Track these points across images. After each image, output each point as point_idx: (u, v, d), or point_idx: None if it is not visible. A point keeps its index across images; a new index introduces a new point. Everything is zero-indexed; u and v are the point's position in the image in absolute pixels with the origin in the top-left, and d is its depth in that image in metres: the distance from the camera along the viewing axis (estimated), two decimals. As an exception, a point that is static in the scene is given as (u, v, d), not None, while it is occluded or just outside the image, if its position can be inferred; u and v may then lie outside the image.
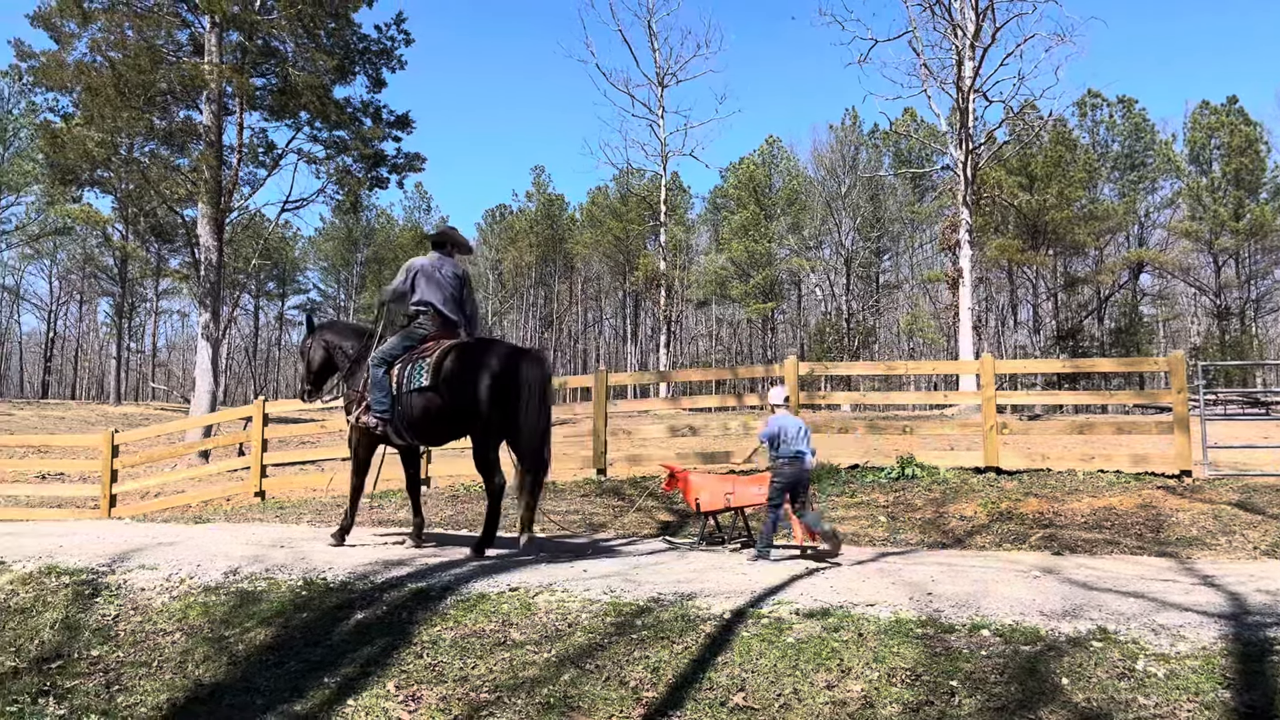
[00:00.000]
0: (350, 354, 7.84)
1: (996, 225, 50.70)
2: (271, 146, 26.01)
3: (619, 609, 4.89)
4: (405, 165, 26.24)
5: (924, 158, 54.28)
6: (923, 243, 62.32)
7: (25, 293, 67.89)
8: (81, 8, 21.81)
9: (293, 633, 5.00)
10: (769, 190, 61.76)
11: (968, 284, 27.96)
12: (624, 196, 65.34)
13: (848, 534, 8.25)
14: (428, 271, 7.54)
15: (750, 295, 60.44)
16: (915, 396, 23.67)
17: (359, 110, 25.31)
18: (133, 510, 13.03)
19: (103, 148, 22.06)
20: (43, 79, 22.83)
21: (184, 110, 24.21)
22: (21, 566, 6.32)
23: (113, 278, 58.77)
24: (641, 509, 9.83)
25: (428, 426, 7.15)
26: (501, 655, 4.50)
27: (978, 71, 27.22)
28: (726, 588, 5.21)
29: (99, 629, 5.31)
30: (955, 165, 28.21)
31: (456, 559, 6.45)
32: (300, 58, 23.88)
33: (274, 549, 6.96)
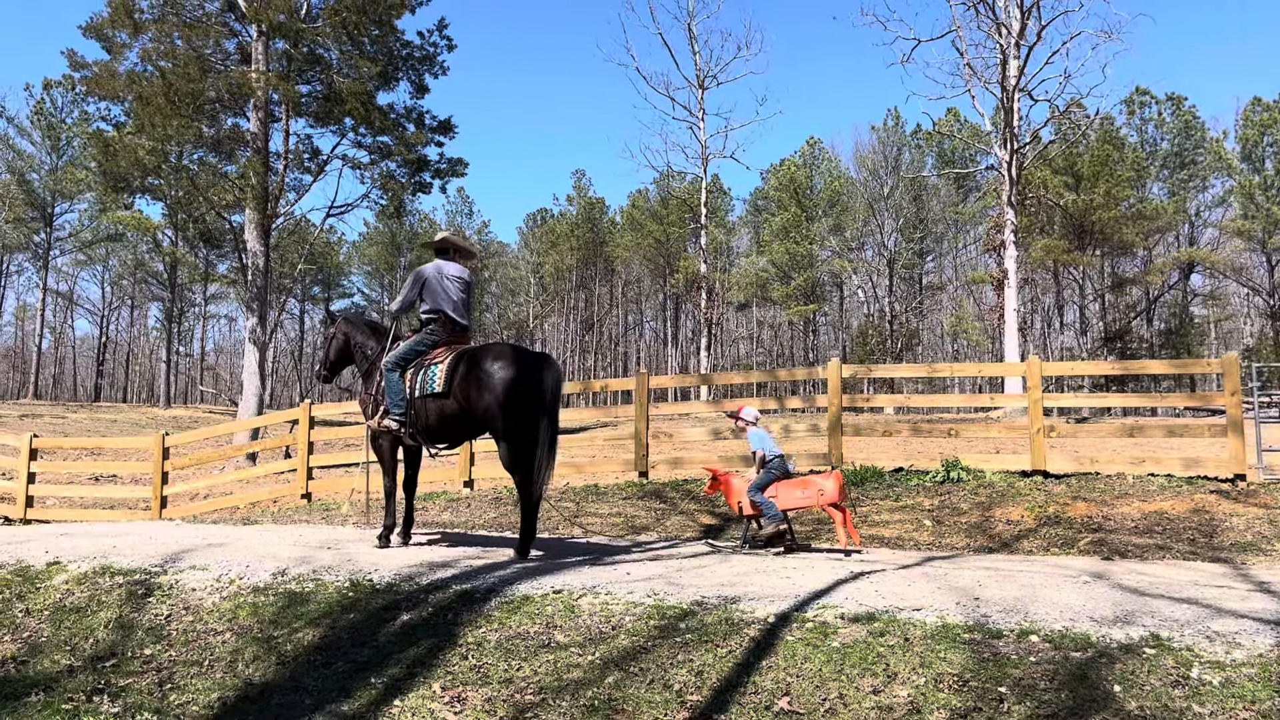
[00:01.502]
0: (369, 354, 8.08)
1: (1042, 226, 50.03)
2: (317, 153, 26.36)
3: (662, 612, 4.89)
4: (448, 170, 26.47)
5: (968, 158, 53.69)
6: (966, 244, 61.67)
7: (79, 298, 69.47)
8: (132, 18, 22.27)
9: (340, 633, 5.05)
10: (810, 192, 61.42)
11: (1013, 285, 27.61)
12: (664, 199, 65.32)
13: (892, 538, 8.19)
14: (435, 279, 7.75)
15: (791, 297, 60.13)
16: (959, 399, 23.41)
17: (402, 116, 25.58)
18: (183, 511, 13.25)
19: (153, 155, 22.49)
20: (95, 89, 23.33)
21: (231, 118, 24.63)
22: (77, 566, 6.46)
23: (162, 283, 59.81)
24: (684, 512, 9.82)
25: (443, 430, 7.35)
26: (546, 657, 4.51)
27: (1023, 70, 26.89)
28: (770, 591, 5.19)
29: (152, 628, 5.41)
30: (1000, 165, 27.88)
31: (500, 561, 6.49)
32: (344, 65, 24.19)
33: (321, 550, 7.05)
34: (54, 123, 52.11)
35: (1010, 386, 25.93)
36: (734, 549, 7.41)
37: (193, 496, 14.86)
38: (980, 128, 34.59)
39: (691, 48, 42.28)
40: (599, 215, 76.45)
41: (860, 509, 9.19)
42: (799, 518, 8.72)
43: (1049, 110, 28.68)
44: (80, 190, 50.58)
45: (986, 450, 13.69)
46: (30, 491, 14.11)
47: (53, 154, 52.39)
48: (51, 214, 53.69)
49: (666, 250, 67.88)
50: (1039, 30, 26.83)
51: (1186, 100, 52.43)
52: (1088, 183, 48.50)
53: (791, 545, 7.40)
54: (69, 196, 53.34)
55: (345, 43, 23.90)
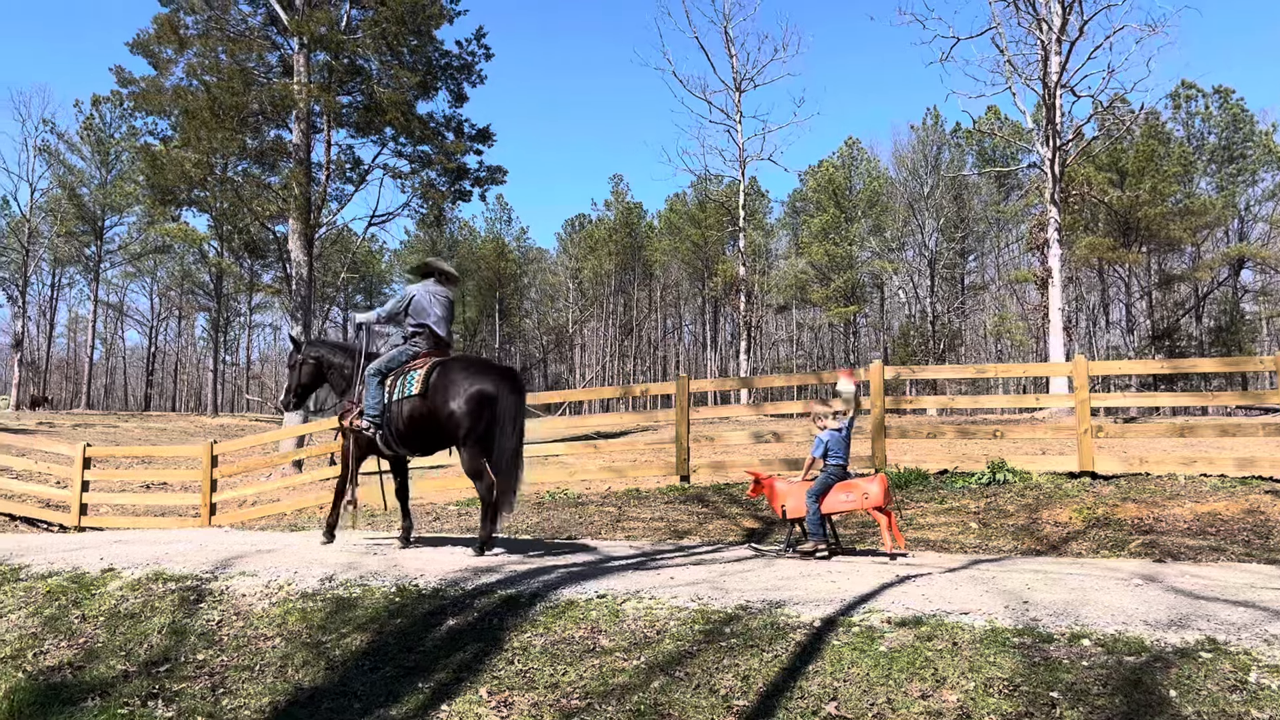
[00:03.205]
0: (347, 371, 8.49)
1: (1086, 223, 49.33)
2: (358, 163, 26.68)
3: (707, 616, 4.88)
4: (487, 178, 26.65)
5: (1009, 156, 53.08)
6: (1009, 242, 60.95)
7: (128, 309, 70.85)
8: (178, 34, 22.68)
9: (387, 638, 5.10)
10: (849, 192, 61.06)
11: (1057, 284, 27.23)
12: (702, 203, 65.30)
13: (937, 541, 8.10)
14: (423, 297, 8.21)
15: (831, 299, 59.79)
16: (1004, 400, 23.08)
17: (441, 125, 25.80)
18: (231, 518, 13.45)
19: (199, 168, 22.88)
20: (142, 104, 23.78)
21: (274, 130, 24.99)
22: (131, 573, 6.58)
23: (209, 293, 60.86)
24: (727, 516, 9.79)
25: (413, 435, 7.73)
26: (591, 662, 4.52)
27: (1064, 66, 26.52)
28: (816, 595, 5.16)
29: (204, 633, 5.49)
30: (1042, 162, 27.51)
31: (543, 566, 6.52)
32: (384, 75, 24.45)
33: (367, 556, 7.12)
34: (103, 138, 53.23)
35: (1056, 386, 25.56)
36: (777, 553, 7.39)
37: (241, 503, 15.06)
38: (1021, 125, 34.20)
39: (728, 51, 42.21)
40: (637, 220, 76.59)
41: (905, 512, 9.11)
42: (843, 520, 8.66)
43: (1092, 106, 28.22)
44: (129, 204, 51.61)
45: (1032, 451, 13.50)
46: (84, 500, 14.38)
47: (102, 168, 53.51)
48: (101, 227, 54.83)
49: (705, 254, 67.84)
50: (1081, 25, 26.47)
51: (1234, 93, 51.49)
52: (1133, 179, 47.76)
53: (836, 548, 7.35)
54: (118, 210, 54.46)
55: (385, 53, 24.16)
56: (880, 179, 60.91)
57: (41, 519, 14.87)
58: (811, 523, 7.19)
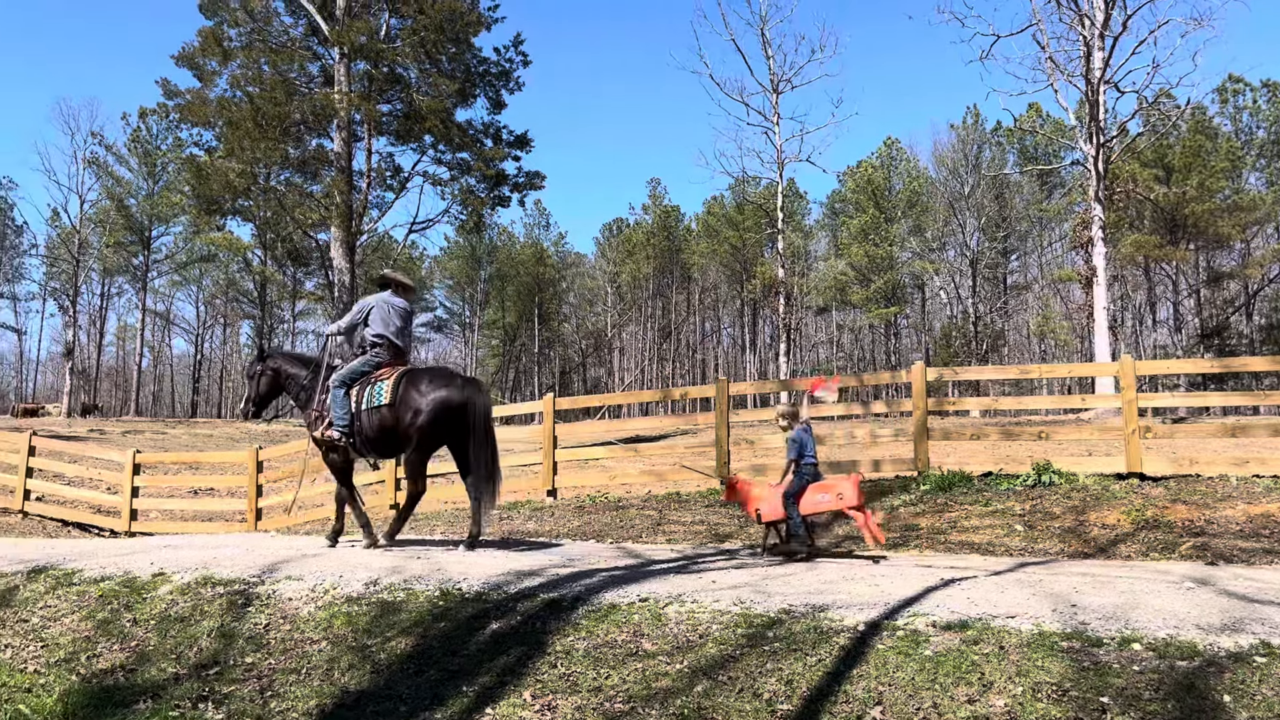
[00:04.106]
0: (304, 381, 8.83)
1: (1131, 220, 48.57)
2: (398, 170, 26.98)
3: (750, 620, 4.86)
4: (526, 184, 26.83)
5: (1051, 153, 52.44)
6: (1052, 241, 60.16)
7: (175, 317, 72.07)
8: (221, 46, 23.08)
9: (431, 642, 5.14)
10: (889, 193, 60.64)
11: (1102, 282, 26.81)
12: (740, 205, 65.15)
13: (982, 543, 8.01)
14: (382, 308, 8.57)
15: (872, 300, 59.39)
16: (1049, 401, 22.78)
17: (480, 132, 26.03)
18: (277, 523, 13.63)
19: (243, 178, 23.26)
20: (188, 115, 24.24)
21: (316, 139, 25.38)
22: (180, 577, 6.69)
23: (253, 301, 61.74)
24: (767, 519, 9.74)
25: (382, 440, 8.17)
26: (634, 666, 4.52)
27: (1108, 62, 26.13)
28: (859, 599, 5.12)
29: (251, 637, 5.56)
30: (1085, 160, 27.12)
31: (585, 570, 6.53)
32: (423, 83, 24.71)
33: (411, 560, 7.17)
34: (150, 149, 54.28)
35: (1102, 387, 25.18)
36: (756, 557, 7.51)
37: (286, 508, 15.25)
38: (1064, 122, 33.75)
39: (765, 53, 42.07)
40: (674, 223, 76.62)
41: (949, 514, 9.02)
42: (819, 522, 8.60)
43: (1137, 102, 27.72)
44: (175, 214, 52.56)
45: (1078, 453, 13.31)
46: (134, 505, 14.66)
47: (149, 179, 54.56)
48: (149, 237, 55.89)
49: (743, 256, 67.69)
50: (1124, 20, 26.05)
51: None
52: (1179, 175, 46.96)
53: (813, 550, 7.48)
54: (165, 220, 55.49)
55: (424, 61, 24.41)
56: (920, 179, 60.41)
57: (93, 524, 15.18)
58: (794, 525, 7.34)
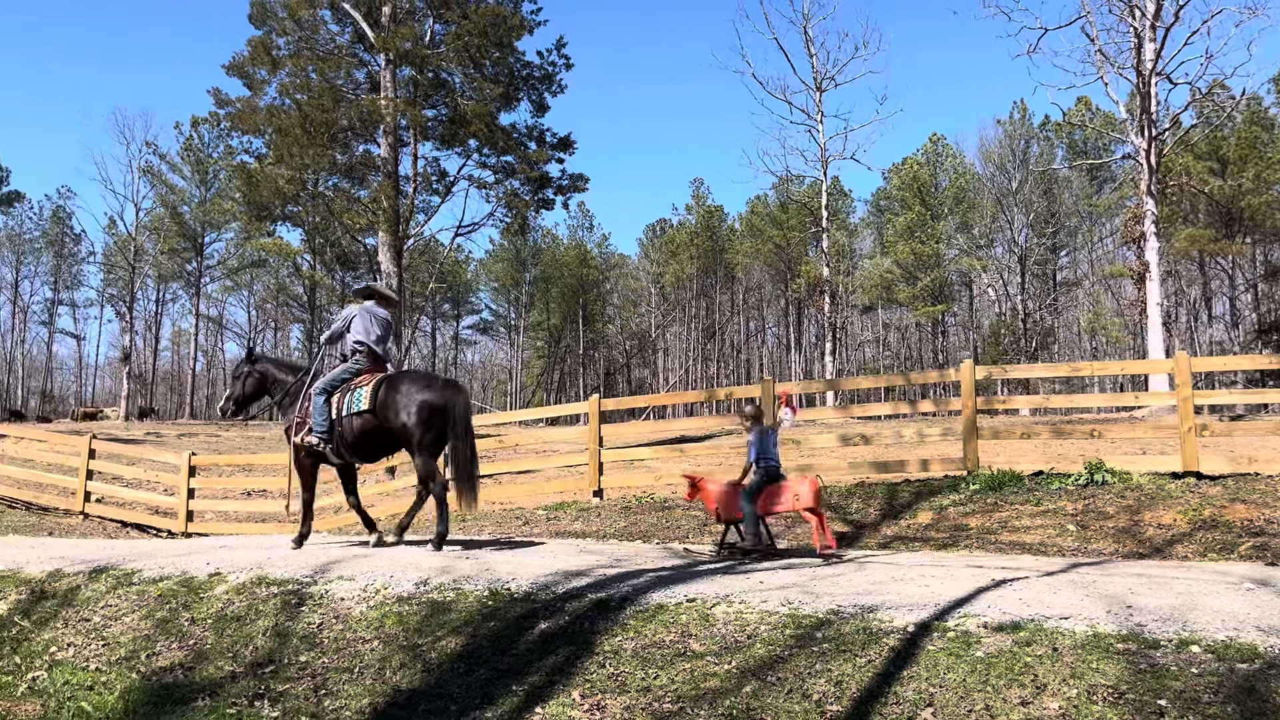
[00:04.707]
0: (286, 385, 9.20)
1: (1185, 214, 47.61)
2: (444, 174, 27.23)
3: (798, 621, 4.84)
4: (569, 186, 26.93)
5: (1101, 147, 51.50)
6: (1103, 236, 59.16)
7: (227, 322, 73.33)
8: (270, 55, 23.46)
9: (481, 641, 5.18)
10: (934, 189, 60.00)
11: (1155, 278, 26.30)
12: (784, 204, 64.85)
13: (1033, 544, 7.90)
14: (364, 317, 8.93)
15: (918, 298, 58.82)
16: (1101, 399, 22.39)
17: (524, 135, 26.18)
18: (328, 524, 13.80)
19: (292, 184, 23.62)
20: (238, 124, 24.67)
21: (363, 144, 25.67)
22: (236, 577, 6.81)
23: (303, 305, 62.63)
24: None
25: (363, 445, 8.49)
26: (682, 666, 4.52)
27: (1159, 53, 25.62)
28: (909, 600, 5.08)
29: (305, 636, 5.65)
30: (1137, 153, 26.61)
31: (632, 570, 6.54)
32: (468, 87, 24.92)
33: (460, 560, 7.24)
34: (202, 158, 55.32)
35: (1155, 384, 24.69)
36: (714, 554, 7.76)
37: (337, 509, 15.43)
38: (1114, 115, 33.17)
39: (808, 50, 41.86)
40: (718, 223, 76.43)
41: (999, 514, 8.91)
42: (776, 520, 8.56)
43: (1190, 93, 27.16)
44: (226, 220, 53.51)
45: (1132, 451, 13.07)
46: (190, 506, 14.94)
47: (201, 187, 55.61)
48: (202, 243, 56.96)
49: (787, 255, 67.35)
50: (1176, 10, 25.51)
51: (1343, 74, 49.03)
52: (1235, 167, 45.93)
53: (771, 549, 7.75)
54: (217, 226, 56.54)
55: (468, 65, 24.61)
56: (966, 175, 59.69)
57: (151, 525, 15.50)
58: (749, 523, 7.54)
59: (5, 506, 16.30)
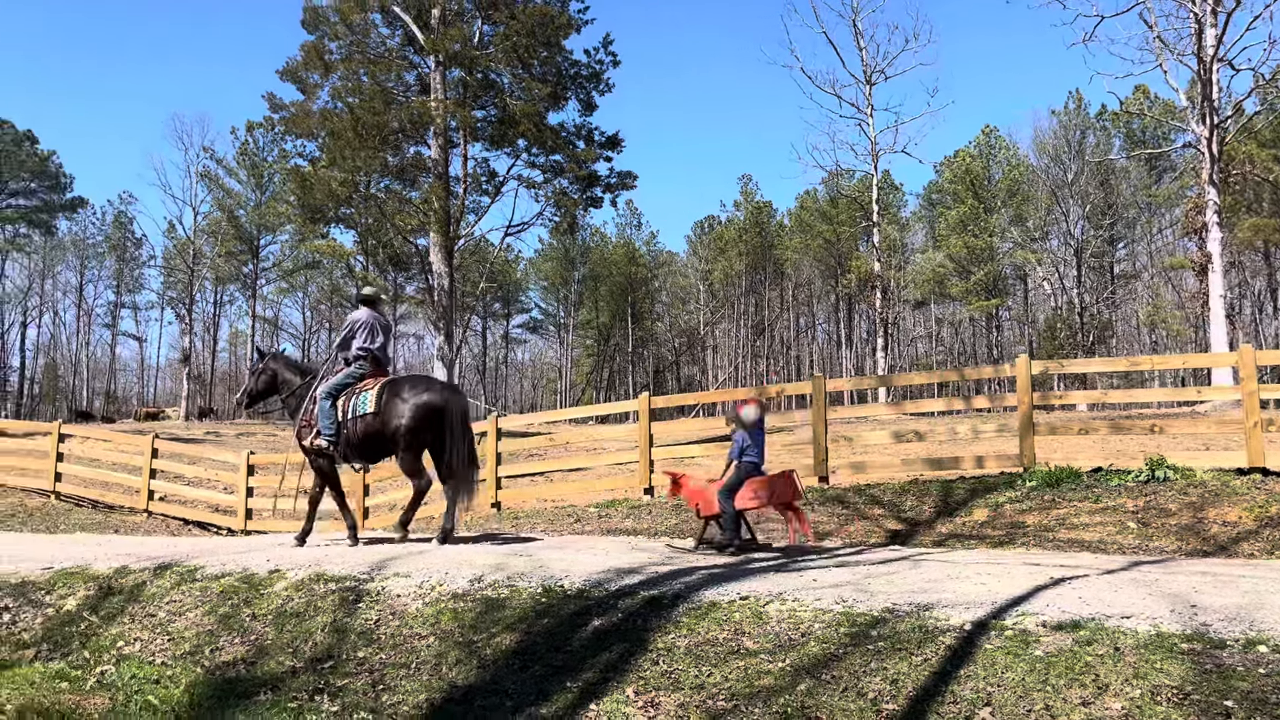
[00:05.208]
0: (295, 388, 9.64)
1: (1249, 204, 46.38)
2: (493, 175, 27.43)
3: (852, 619, 4.81)
4: (618, 184, 26.98)
5: (1160, 136, 50.44)
6: (1162, 228, 57.83)
7: (283, 323, 74.54)
8: (323, 60, 23.82)
9: (535, 638, 5.22)
10: (988, 182, 59.14)
11: (1218, 269, 25.67)
12: (833, 199, 64.36)
13: (1093, 541, 7.77)
14: (368, 324, 9.40)
15: (972, 292, 58.06)
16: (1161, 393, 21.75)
17: (572, 134, 26.28)
18: (383, 522, 13.99)
19: (344, 186, 23.96)
20: (292, 127, 25.09)
21: (414, 146, 25.96)
22: (295, 574, 6.93)
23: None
24: (868, 517, 9.63)
25: (367, 446, 8.87)
26: (736, 664, 4.52)
27: (1221, 39, 24.98)
28: (965, 598, 5.02)
29: (363, 632, 5.74)
30: (1198, 142, 25.98)
31: (685, 568, 6.55)
32: (516, 88, 25.08)
33: (513, 557, 7.30)
34: (257, 162, 56.32)
35: (1219, 378, 24.09)
36: (690, 549, 7.90)
37: (392, 507, 15.63)
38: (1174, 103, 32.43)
39: (857, 44, 41.45)
40: (767, 219, 76.08)
41: (1057, 511, 8.77)
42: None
43: (1253, 79, 26.42)
44: (281, 223, 54.43)
45: (1194, 447, 12.77)
46: (249, 505, 15.22)
47: (257, 190, 56.62)
48: (257, 246, 58.01)
49: (837, 250, 66.82)
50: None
51: None
52: (1300, 154, 44.57)
53: (751, 544, 7.92)
54: (272, 229, 57.54)
55: (516, 66, 24.78)
56: (1020, 167, 58.74)
57: (212, 523, 15.82)
58: (726, 519, 7.69)
59: (73, 505, 16.76)
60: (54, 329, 76.99)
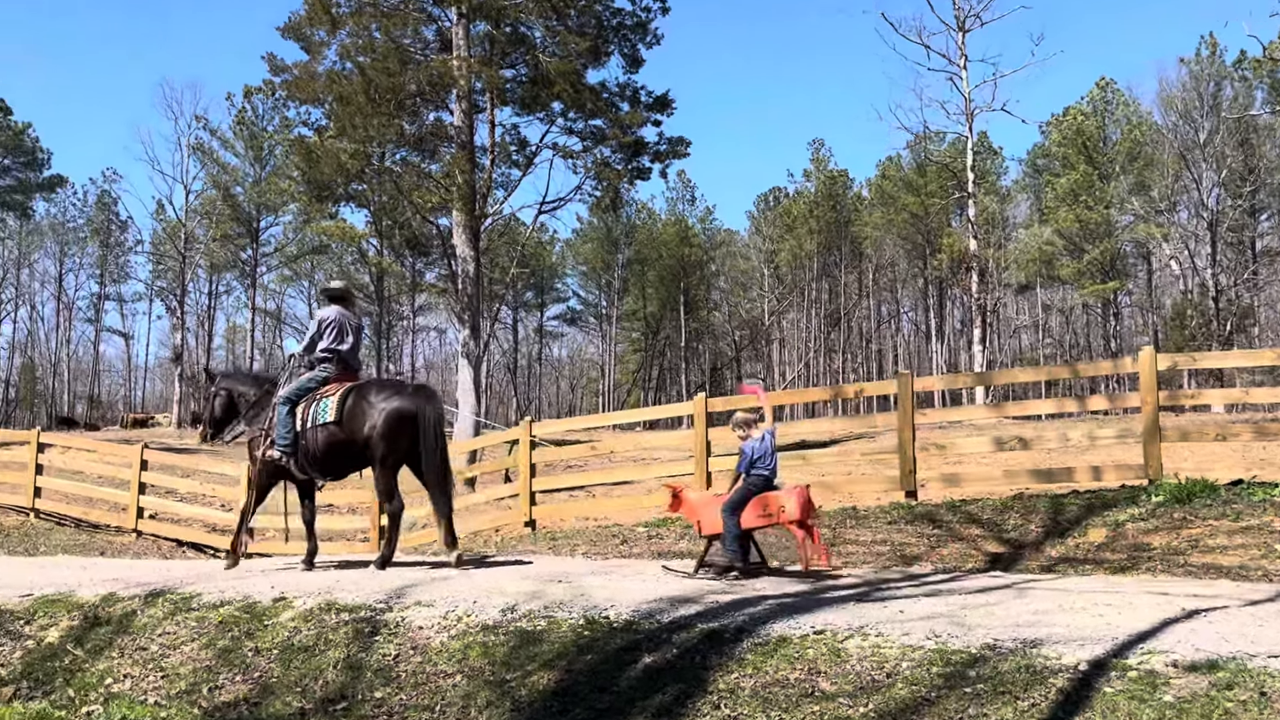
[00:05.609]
0: (252, 399, 9.86)
1: None
2: (524, 143, 27.52)
3: (946, 657, 4.78)
4: (668, 152, 26.90)
5: (1312, 86, 49.25)
6: (1315, 195, 56.55)
7: (286, 316, 75.62)
8: (330, 13, 24.05)
9: (576, 677, 5.25)
10: (1103, 144, 58.25)
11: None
12: (920, 166, 63.87)
13: (1232, 566, 7.63)
14: (336, 322, 9.52)
15: (1085, 274, 57.25)
16: (1316, 391, 21.40)
17: (615, 95, 26.23)
18: (401, 542, 14.15)
19: (355, 159, 24.20)
20: (295, 92, 25.38)
21: (433, 112, 26.12)
22: (303, 603, 7.04)
23: (369, 296, 64.13)
24: (964, 538, 9.55)
25: (329, 459, 9.02)
26: (810, 708, 4.51)
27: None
28: (1080, 633, 4.97)
29: (380, 669, 5.82)
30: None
31: (748, 597, 6.55)
32: (550, 42, 25.11)
33: (551, 584, 7.35)
34: (255, 132, 57.14)
35: (1384, 373, 23.53)
36: (690, 574, 7.95)
37: (410, 526, 15.82)
38: (1327, 47, 31.69)
39: (947, -16, 41.09)
40: (842, 190, 75.68)
41: (1188, 531, 8.63)
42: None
43: None
44: (284, 202, 55.15)
45: (1356, 455, 12.51)
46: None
47: (256, 165, 57.45)
48: (257, 229, 58.87)
49: (925, 226, 66.30)
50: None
51: None
52: None
53: (760, 567, 8.04)
54: (273, 209, 58.34)
55: (550, 16, 24.80)
56: (1142, 126, 57.75)
57: (208, 545, 16.11)
58: (730, 539, 7.71)
59: (54, 523, 17.17)
60: (31, 324, 79.06)
